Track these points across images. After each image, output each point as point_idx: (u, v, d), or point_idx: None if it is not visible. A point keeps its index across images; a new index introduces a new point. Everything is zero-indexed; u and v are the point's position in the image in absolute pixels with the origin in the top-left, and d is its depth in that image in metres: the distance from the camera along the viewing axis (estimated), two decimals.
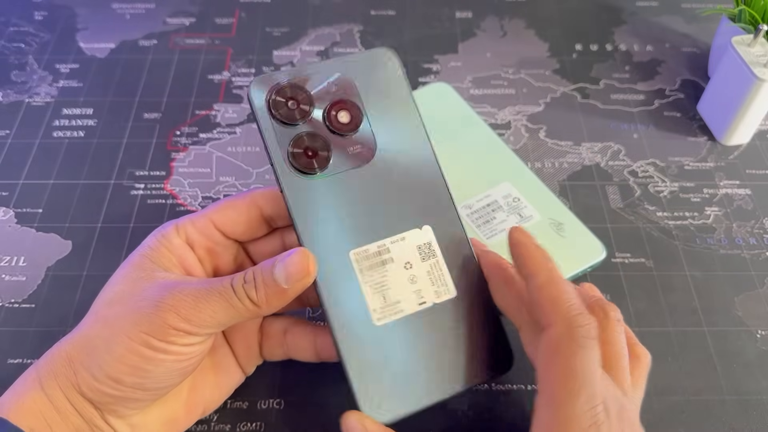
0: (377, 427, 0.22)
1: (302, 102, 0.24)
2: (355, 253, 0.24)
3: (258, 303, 0.22)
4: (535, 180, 0.35)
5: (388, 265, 0.24)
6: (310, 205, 0.23)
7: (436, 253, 0.24)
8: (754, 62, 0.36)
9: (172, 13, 0.47)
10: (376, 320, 0.23)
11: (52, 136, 0.39)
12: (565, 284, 0.22)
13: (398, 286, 0.24)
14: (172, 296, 0.22)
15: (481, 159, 0.37)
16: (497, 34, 0.46)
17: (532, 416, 0.22)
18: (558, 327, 0.21)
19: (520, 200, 0.34)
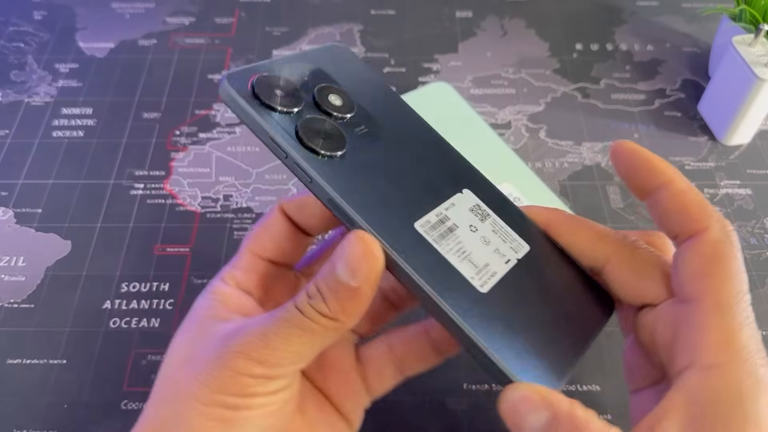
0: (553, 393, 0.18)
1: (290, 89, 0.22)
2: (419, 224, 0.21)
3: (334, 315, 0.19)
4: (536, 180, 0.35)
5: (455, 231, 0.21)
6: (350, 185, 0.20)
7: (489, 212, 0.22)
8: (754, 62, 0.35)
9: (171, 13, 0.47)
10: (480, 287, 0.20)
11: (51, 136, 0.39)
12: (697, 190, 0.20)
13: (477, 250, 0.21)
14: (236, 341, 0.19)
15: (481, 159, 0.36)
16: (497, 33, 0.46)
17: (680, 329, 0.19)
18: (715, 230, 0.19)
19: (520, 200, 0.34)
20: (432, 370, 0.30)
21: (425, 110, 0.39)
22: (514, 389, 0.18)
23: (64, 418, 0.28)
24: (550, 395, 0.17)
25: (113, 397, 0.29)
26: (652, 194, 0.20)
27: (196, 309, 0.22)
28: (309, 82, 0.22)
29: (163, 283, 0.33)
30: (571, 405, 0.17)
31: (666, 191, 0.20)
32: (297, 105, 0.21)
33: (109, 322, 0.31)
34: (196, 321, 0.21)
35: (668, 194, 0.20)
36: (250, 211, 0.36)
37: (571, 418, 0.17)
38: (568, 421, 0.17)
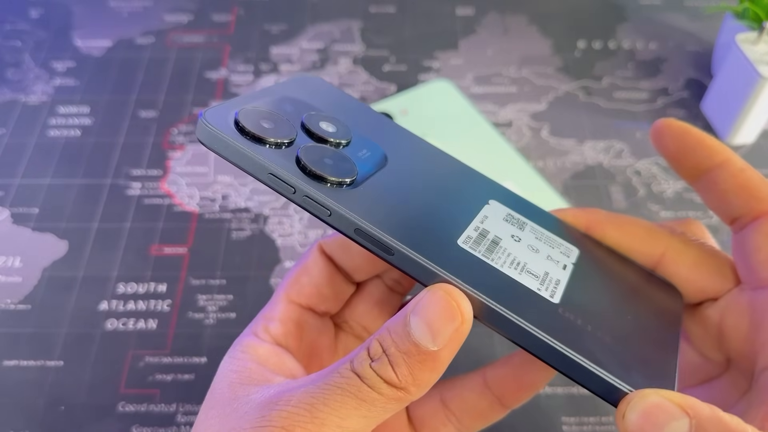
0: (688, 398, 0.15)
1: (277, 120, 0.20)
2: (462, 241, 0.18)
3: (402, 385, 0.15)
4: (538, 179, 0.35)
5: (500, 243, 0.19)
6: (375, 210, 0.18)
7: (525, 220, 0.20)
8: (758, 60, 0.35)
9: (169, 11, 0.46)
10: (551, 297, 0.18)
11: (48, 135, 0.39)
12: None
13: (530, 259, 0.19)
14: (279, 416, 0.15)
15: (482, 157, 0.36)
16: (499, 31, 0.46)
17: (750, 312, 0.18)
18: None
19: None
20: None
21: (426, 108, 0.39)
22: (642, 398, 0.15)
23: (61, 420, 0.28)
24: (687, 400, 0.15)
25: (110, 398, 0.28)
26: (706, 174, 0.19)
27: (224, 374, 0.18)
28: (294, 112, 0.20)
29: (161, 284, 0.32)
30: (712, 409, 0.14)
31: (724, 171, 0.18)
32: (289, 136, 0.19)
33: (106, 324, 0.31)
34: (228, 389, 0.17)
35: (727, 174, 0.18)
36: (248, 211, 0.35)
37: (718, 422, 0.14)
38: (717, 425, 0.14)
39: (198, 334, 0.31)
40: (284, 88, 0.21)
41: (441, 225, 0.19)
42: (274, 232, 0.35)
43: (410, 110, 0.38)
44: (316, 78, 0.23)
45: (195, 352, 0.30)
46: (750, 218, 0.18)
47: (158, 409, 0.28)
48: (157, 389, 0.29)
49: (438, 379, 0.16)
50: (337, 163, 0.19)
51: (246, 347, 0.18)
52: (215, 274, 0.33)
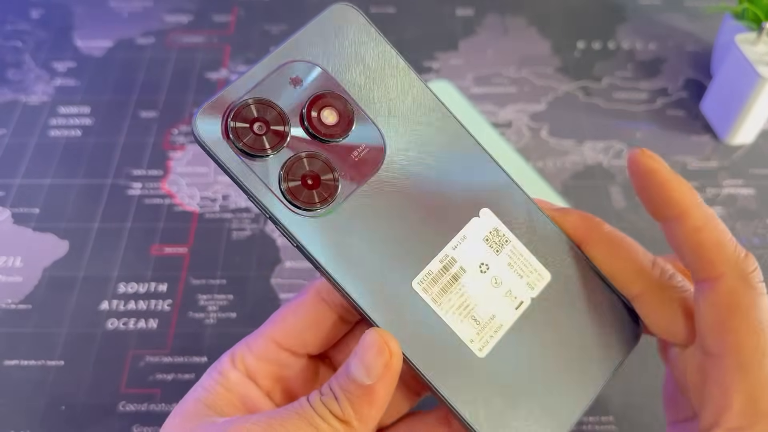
0: None
1: (271, 119, 0.18)
2: (418, 281, 0.18)
3: (346, 418, 0.17)
4: (538, 179, 0.35)
5: (461, 278, 0.19)
6: (337, 249, 0.18)
7: (509, 237, 0.19)
8: (758, 60, 0.35)
9: (169, 11, 0.46)
10: (479, 351, 0.18)
11: (48, 135, 0.39)
12: (721, 222, 0.18)
13: (484, 298, 0.19)
14: (236, 426, 0.17)
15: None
16: (499, 31, 0.46)
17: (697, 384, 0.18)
18: (730, 278, 0.17)
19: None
20: None
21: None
22: None
23: (62, 420, 0.28)
24: None
25: (111, 398, 0.28)
26: (666, 223, 0.18)
27: (197, 388, 0.19)
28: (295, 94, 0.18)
29: (161, 284, 0.32)
30: None
31: (680, 226, 0.18)
32: (281, 139, 0.18)
33: (106, 323, 0.31)
34: (194, 407, 0.19)
35: (682, 230, 0.18)
36: (248, 211, 0.36)
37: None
38: None
39: (198, 333, 0.31)
40: (306, 39, 0.19)
41: (406, 258, 0.18)
42: (274, 232, 0.35)
43: None
44: (350, 15, 0.19)
45: (195, 352, 0.30)
46: (700, 278, 0.18)
47: (159, 409, 0.28)
48: (157, 389, 0.29)
49: (380, 415, 0.17)
50: (322, 178, 0.18)
51: (221, 369, 0.19)
52: (216, 274, 0.33)
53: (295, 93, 0.18)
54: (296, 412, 0.17)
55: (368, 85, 0.19)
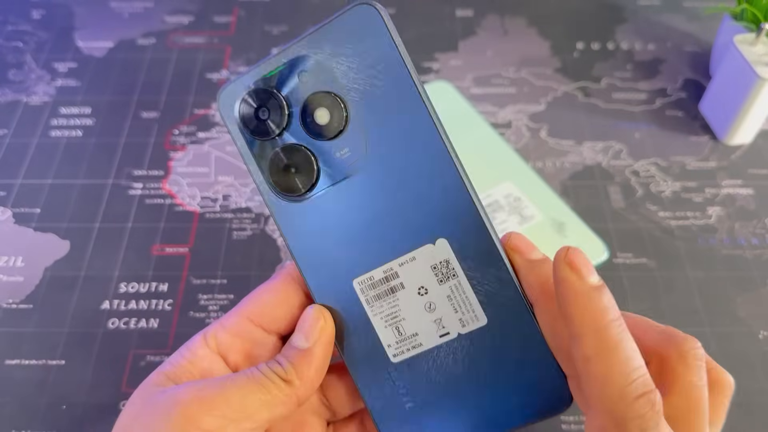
0: None
1: (273, 108, 0.19)
2: (359, 281, 0.20)
3: (288, 377, 0.19)
4: (537, 179, 0.35)
5: (398, 292, 0.20)
6: (304, 234, 0.20)
7: (457, 272, 0.20)
8: (756, 61, 0.35)
9: (170, 12, 0.47)
10: (392, 357, 0.20)
11: (49, 136, 0.39)
12: (623, 351, 0.16)
13: (412, 317, 0.20)
14: (192, 389, 0.18)
15: (482, 158, 0.37)
16: (498, 32, 0.46)
17: None
18: (603, 416, 0.16)
19: (521, 200, 0.34)
20: None
21: None
22: None
23: (63, 419, 0.28)
24: None
25: (112, 397, 0.29)
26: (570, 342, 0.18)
27: (164, 365, 0.21)
28: (301, 87, 0.19)
29: (162, 284, 0.32)
30: None
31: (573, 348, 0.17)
32: (279, 128, 0.20)
33: (107, 323, 0.31)
34: (156, 378, 0.20)
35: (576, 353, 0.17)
36: (249, 211, 0.36)
37: None
38: None
39: None
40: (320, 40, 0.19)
41: (357, 257, 0.20)
42: (274, 232, 0.35)
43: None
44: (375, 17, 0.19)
45: None
46: (587, 405, 0.17)
47: None
48: None
49: (319, 377, 0.20)
50: (302, 171, 0.20)
51: (191, 345, 0.21)
52: (216, 274, 0.33)
53: (301, 87, 0.20)
54: (246, 375, 0.19)
55: (371, 92, 0.19)
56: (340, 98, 0.19)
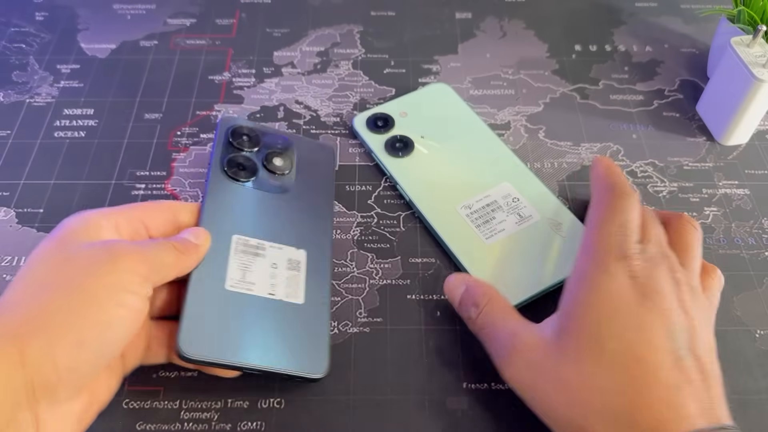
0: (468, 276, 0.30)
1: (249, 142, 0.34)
2: (237, 238, 0.30)
3: (186, 251, 0.26)
4: (535, 180, 0.36)
5: (258, 257, 0.29)
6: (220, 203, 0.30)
7: (301, 269, 0.30)
8: (753, 63, 0.36)
9: (172, 14, 0.47)
10: (229, 286, 0.28)
11: (53, 137, 0.39)
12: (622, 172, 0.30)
13: (258, 274, 0.29)
14: (124, 245, 0.24)
15: (480, 159, 0.37)
16: (497, 34, 0.46)
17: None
18: (603, 186, 0.28)
19: (519, 200, 0.34)
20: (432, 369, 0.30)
21: (424, 110, 0.40)
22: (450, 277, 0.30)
23: None
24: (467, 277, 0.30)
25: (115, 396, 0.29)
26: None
27: (68, 225, 0.25)
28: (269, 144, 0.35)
29: None
30: (475, 280, 0.30)
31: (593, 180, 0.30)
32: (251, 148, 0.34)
33: None
34: (70, 235, 0.25)
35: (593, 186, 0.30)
36: None
37: (474, 286, 0.29)
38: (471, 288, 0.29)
39: None
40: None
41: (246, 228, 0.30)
42: None
43: (409, 112, 0.39)
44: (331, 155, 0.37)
45: None
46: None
47: (162, 406, 0.28)
48: (161, 386, 0.29)
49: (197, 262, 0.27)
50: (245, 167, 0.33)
51: (90, 216, 0.26)
52: None
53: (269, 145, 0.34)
54: (158, 242, 0.26)
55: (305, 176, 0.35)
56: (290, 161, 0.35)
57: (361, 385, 0.29)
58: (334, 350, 0.30)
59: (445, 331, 0.31)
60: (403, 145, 0.37)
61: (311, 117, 0.40)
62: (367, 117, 0.38)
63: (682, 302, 0.25)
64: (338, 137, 0.39)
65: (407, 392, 0.29)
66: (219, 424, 0.28)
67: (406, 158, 0.36)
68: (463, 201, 0.34)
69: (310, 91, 0.42)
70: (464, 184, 0.35)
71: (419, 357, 0.30)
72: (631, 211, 0.27)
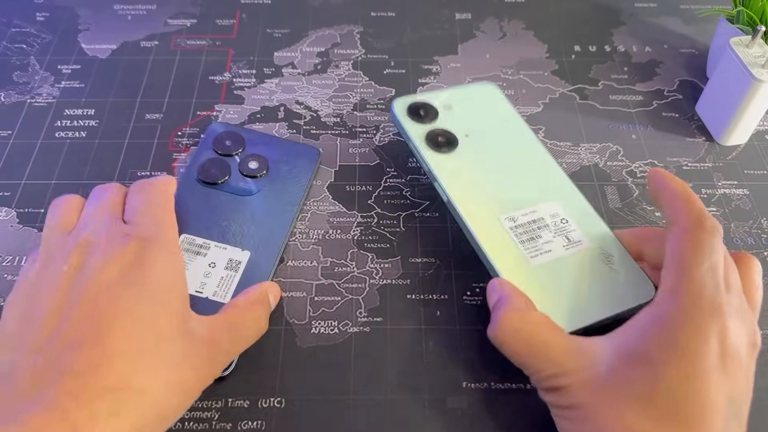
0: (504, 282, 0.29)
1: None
2: (185, 237, 0.32)
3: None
4: (584, 202, 0.32)
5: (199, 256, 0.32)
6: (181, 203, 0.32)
7: (240, 270, 0.31)
8: (752, 63, 0.36)
9: (173, 15, 0.47)
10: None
11: (54, 137, 0.39)
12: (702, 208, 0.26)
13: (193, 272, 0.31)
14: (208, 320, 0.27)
15: (528, 171, 0.34)
16: (496, 35, 0.46)
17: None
18: (690, 218, 0.25)
19: (568, 222, 0.31)
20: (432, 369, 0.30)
21: (470, 108, 0.37)
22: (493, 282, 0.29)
23: None
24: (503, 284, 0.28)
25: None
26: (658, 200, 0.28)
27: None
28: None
29: None
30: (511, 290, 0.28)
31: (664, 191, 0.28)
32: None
33: None
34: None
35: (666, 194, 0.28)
36: None
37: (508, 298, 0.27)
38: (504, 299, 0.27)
39: None
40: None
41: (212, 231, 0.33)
42: None
43: (454, 107, 0.36)
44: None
45: None
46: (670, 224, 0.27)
47: None
48: None
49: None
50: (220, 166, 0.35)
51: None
52: None
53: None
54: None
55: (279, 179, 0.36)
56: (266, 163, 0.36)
57: (361, 385, 0.29)
58: (335, 350, 0.30)
59: (445, 331, 0.31)
60: (446, 140, 0.34)
61: (311, 117, 0.40)
62: (409, 103, 0.35)
63: (749, 369, 0.24)
64: (338, 137, 0.39)
65: (407, 392, 0.29)
66: (219, 423, 0.28)
67: (448, 155, 0.33)
68: (507, 212, 0.31)
69: (310, 92, 0.42)
70: (509, 194, 0.32)
71: (419, 357, 0.30)
72: (720, 251, 0.25)
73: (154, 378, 0.23)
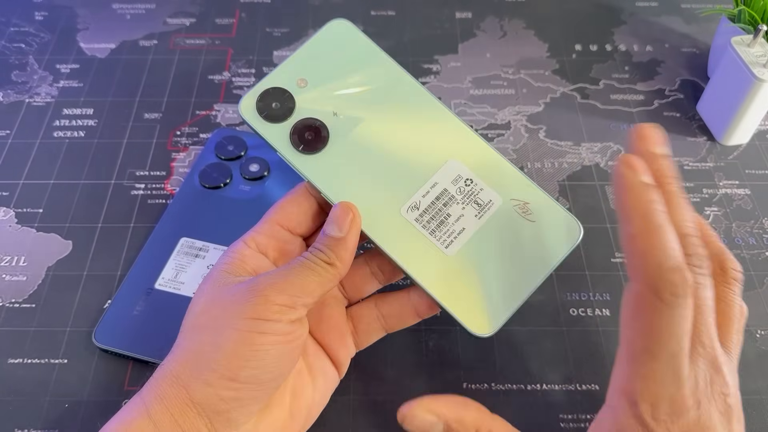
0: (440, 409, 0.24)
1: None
2: (184, 240, 0.32)
3: (330, 260, 0.24)
4: (483, 145, 0.27)
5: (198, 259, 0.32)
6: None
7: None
8: (753, 62, 0.36)
9: (172, 14, 0.47)
10: (158, 284, 0.31)
11: (52, 136, 0.39)
12: (663, 234, 0.20)
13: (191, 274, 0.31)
14: (265, 279, 0.24)
15: (415, 130, 0.27)
16: (497, 34, 0.46)
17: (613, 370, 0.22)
18: (641, 283, 0.20)
19: (473, 182, 0.27)
20: (432, 369, 0.30)
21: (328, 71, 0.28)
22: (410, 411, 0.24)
23: (65, 418, 0.28)
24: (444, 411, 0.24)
25: (114, 396, 0.29)
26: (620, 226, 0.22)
27: (218, 264, 0.26)
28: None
29: None
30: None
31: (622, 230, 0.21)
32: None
33: None
34: (218, 275, 0.25)
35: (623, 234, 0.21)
36: None
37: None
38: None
39: None
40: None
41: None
42: None
43: (309, 79, 0.28)
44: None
45: None
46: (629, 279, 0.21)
47: None
48: None
49: (352, 257, 0.25)
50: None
51: (236, 248, 0.26)
52: None
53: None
54: (299, 263, 0.24)
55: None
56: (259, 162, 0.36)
57: (361, 385, 0.29)
58: None
59: (445, 331, 0.31)
60: (314, 134, 0.27)
61: None
62: (257, 98, 0.27)
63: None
64: None
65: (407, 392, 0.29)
66: None
67: (322, 152, 0.27)
68: (406, 200, 0.26)
69: None
70: (402, 173, 0.27)
71: (419, 357, 0.30)
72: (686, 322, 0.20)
73: None
